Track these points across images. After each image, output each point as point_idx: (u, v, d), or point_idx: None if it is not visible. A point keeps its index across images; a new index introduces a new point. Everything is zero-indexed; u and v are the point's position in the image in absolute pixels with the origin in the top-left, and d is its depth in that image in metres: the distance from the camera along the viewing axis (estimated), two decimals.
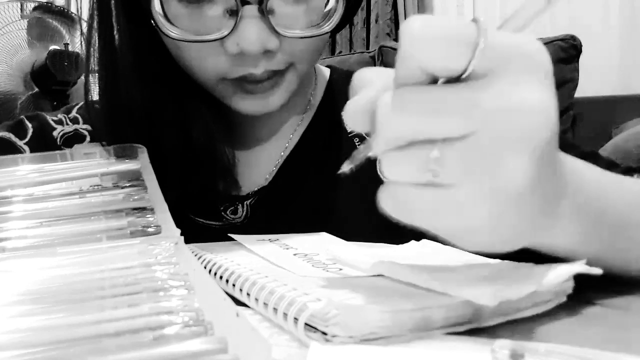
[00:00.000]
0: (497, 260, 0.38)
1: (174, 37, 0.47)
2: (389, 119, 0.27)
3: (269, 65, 0.49)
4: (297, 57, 0.51)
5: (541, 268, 0.34)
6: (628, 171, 0.51)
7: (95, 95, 0.57)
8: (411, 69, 0.27)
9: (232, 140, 0.60)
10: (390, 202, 0.29)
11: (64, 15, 1.81)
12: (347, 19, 0.64)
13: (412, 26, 0.26)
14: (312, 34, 0.49)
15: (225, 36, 0.46)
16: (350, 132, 0.60)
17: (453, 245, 0.30)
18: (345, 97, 0.65)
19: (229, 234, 0.48)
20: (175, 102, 0.55)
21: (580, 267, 0.32)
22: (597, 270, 0.32)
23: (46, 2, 1.80)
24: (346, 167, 0.33)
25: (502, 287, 0.29)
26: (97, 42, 0.54)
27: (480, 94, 0.26)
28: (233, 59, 0.48)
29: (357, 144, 0.59)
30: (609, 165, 0.53)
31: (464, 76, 0.26)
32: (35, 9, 1.78)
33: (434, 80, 0.27)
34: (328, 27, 0.49)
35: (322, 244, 0.45)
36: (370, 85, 0.30)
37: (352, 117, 0.30)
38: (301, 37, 0.49)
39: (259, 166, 0.60)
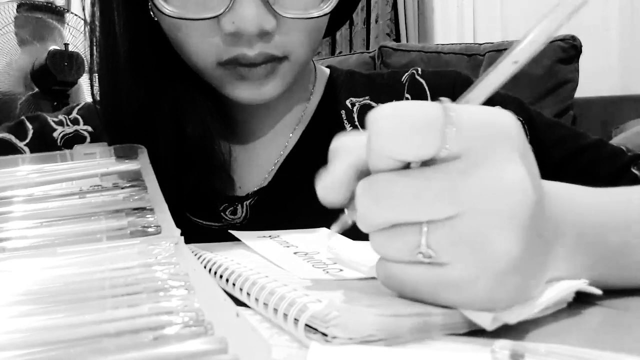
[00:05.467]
0: None
1: (170, 15, 0.47)
2: (368, 208, 0.28)
3: (265, 47, 0.48)
4: (293, 43, 0.50)
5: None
6: None
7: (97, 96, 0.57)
8: (383, 159, 0.27)
9: (231, 139, 0.60)
10: (383, 275, 0.30)
11: (64, 15, 1.81)
12: (347, 13, 0.64)
13: (378, 118, 0.26)
14: (310, 16, 0.49)
15: (222, 13, 0.46)
16: (349, 131, 0.60)
17: None
18: (345, 96, 0.65)
19: (229, 231, 0.48)
20: (172, 96, 0.55)
21: (581, 284, 0.32)
22: (598, 291, 0.33)
23: (46, 3, 1.80)
24: (335, 230, 0.34)
25: (501, 311, 0.29)
26: (97, 38, 0.54)
27: (461, 177, 0.26)
28: (228, 38, 0.48)
29: None
30: None
31: (437, 158, 0.26)
32: (35, 9, 1.78)
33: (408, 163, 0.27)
34: (328, 7, 0.49)
35: (323, 241, 0.45)
36: (344, 154, 0.30)
37: (326, 191, 0.30)
38: (299, 18, 0.48)
39: (258, 166, 0.60)
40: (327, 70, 0.66)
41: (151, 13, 0.52)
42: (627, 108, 2.15)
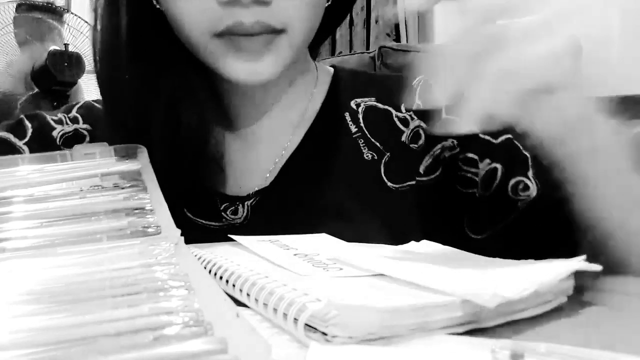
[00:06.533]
0: (498, 259, 0.38)
1: None
2: None
3: (261, 16, 0.48)
4: (291, 15, 0.50)
5: (541, 266, 0.34)
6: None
7: (96, 96, 0.58)
8: None
9: (230, 137, 0.60)
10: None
11: (64, 15, 1.81)
12: (346, 6, 0.64)
13: None
14: None
15: None
16: (355, 133, 0.60)
17: None
18: (349, 96, 0.65)
19: (229, 235, 0.48)
20: (170, 84, 0.55)
21: (579, 264, 0.33)
22: (596, 267, 0.33)
23: (46, 3, 1.80)
24: None
25: (502, 287, 0.29)
26: (100, 23, 0.55)
27: None
28: (224, 6, 0.48)
29: (361, 145, 0.59)
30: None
31: None
32: (34, 9, 1.78)
33: None
34: None
35: (322, 245, 0.45)
36: None
37: None
38: None
39: (258, 165, 0.60)
40: (331, 70, 0.65)
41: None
42: (627, 108, 2.14)
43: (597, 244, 0.43)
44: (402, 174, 0.58)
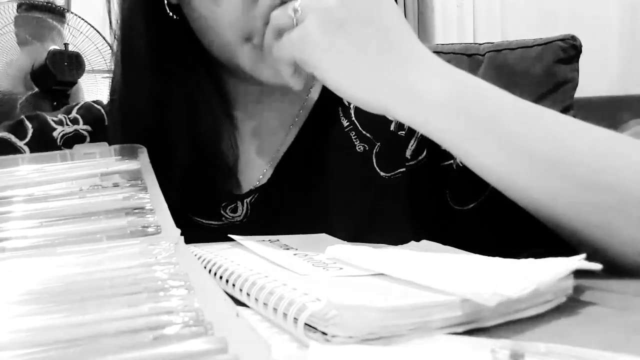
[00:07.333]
0: (497, 258, 0.38)
1: None
2: None
3: None
4: None
5: (541, 265, 0.34)
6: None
7: (96, 96, 0.59)
8: None
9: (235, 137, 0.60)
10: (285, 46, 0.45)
11: (64, 15, 1.81)
12: None
13: None
14: None
15: None
16: (347, 127, 0.60)
17: None
18: None
19: (228, 235, 0.48)
20: (186, 94, 0.56)
21: (579, 262, 0.33)
22: (597, 266, 0.33)
23: (46, 2, 1.80)
24: None
25: (502, 286, 0.29)
26: (118, 38, 0.56)
27: None
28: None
29: (353, 138, 0.60)
30: None
31: None
32: (35, 8, 1.78)
33: None
34: None
35: (323, 245, 0.45)
36: None
37: None
38: None
39: (257, 163, 0.60)
40: None
41: (167, 8, 0.54)
42: (627, 108, 2.15)
43: None
44: (393, 162, 0.59)
